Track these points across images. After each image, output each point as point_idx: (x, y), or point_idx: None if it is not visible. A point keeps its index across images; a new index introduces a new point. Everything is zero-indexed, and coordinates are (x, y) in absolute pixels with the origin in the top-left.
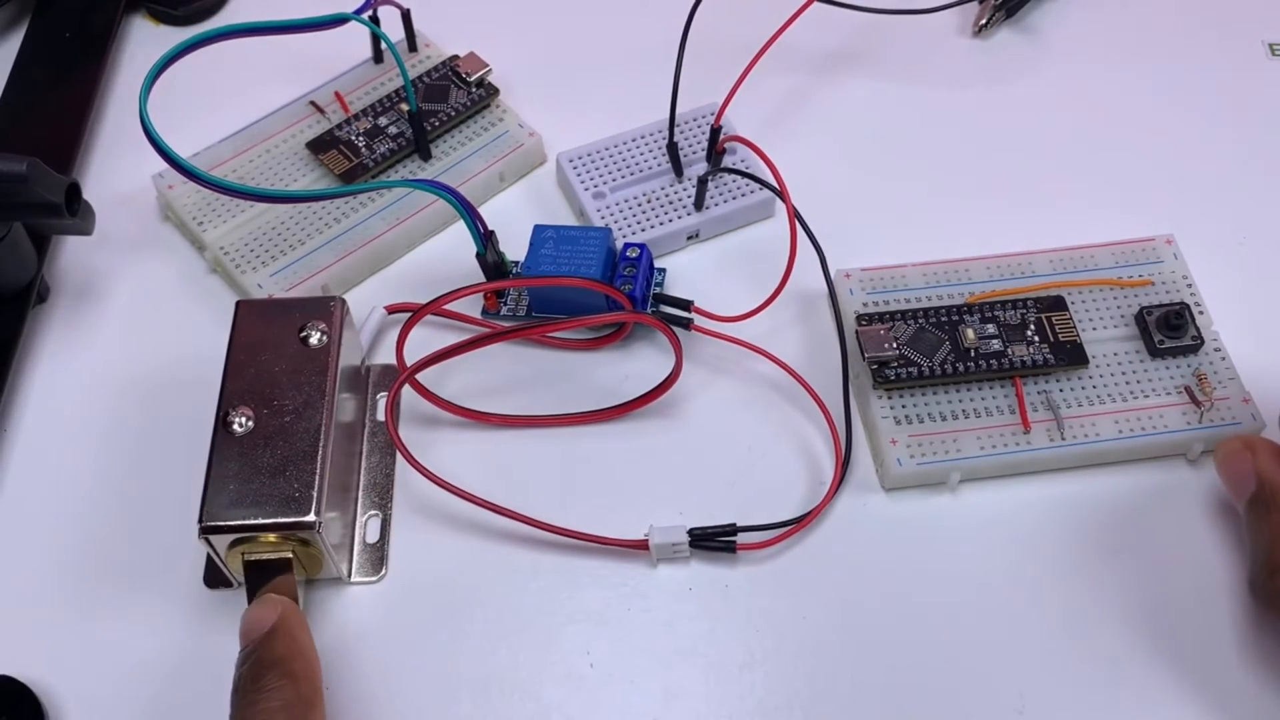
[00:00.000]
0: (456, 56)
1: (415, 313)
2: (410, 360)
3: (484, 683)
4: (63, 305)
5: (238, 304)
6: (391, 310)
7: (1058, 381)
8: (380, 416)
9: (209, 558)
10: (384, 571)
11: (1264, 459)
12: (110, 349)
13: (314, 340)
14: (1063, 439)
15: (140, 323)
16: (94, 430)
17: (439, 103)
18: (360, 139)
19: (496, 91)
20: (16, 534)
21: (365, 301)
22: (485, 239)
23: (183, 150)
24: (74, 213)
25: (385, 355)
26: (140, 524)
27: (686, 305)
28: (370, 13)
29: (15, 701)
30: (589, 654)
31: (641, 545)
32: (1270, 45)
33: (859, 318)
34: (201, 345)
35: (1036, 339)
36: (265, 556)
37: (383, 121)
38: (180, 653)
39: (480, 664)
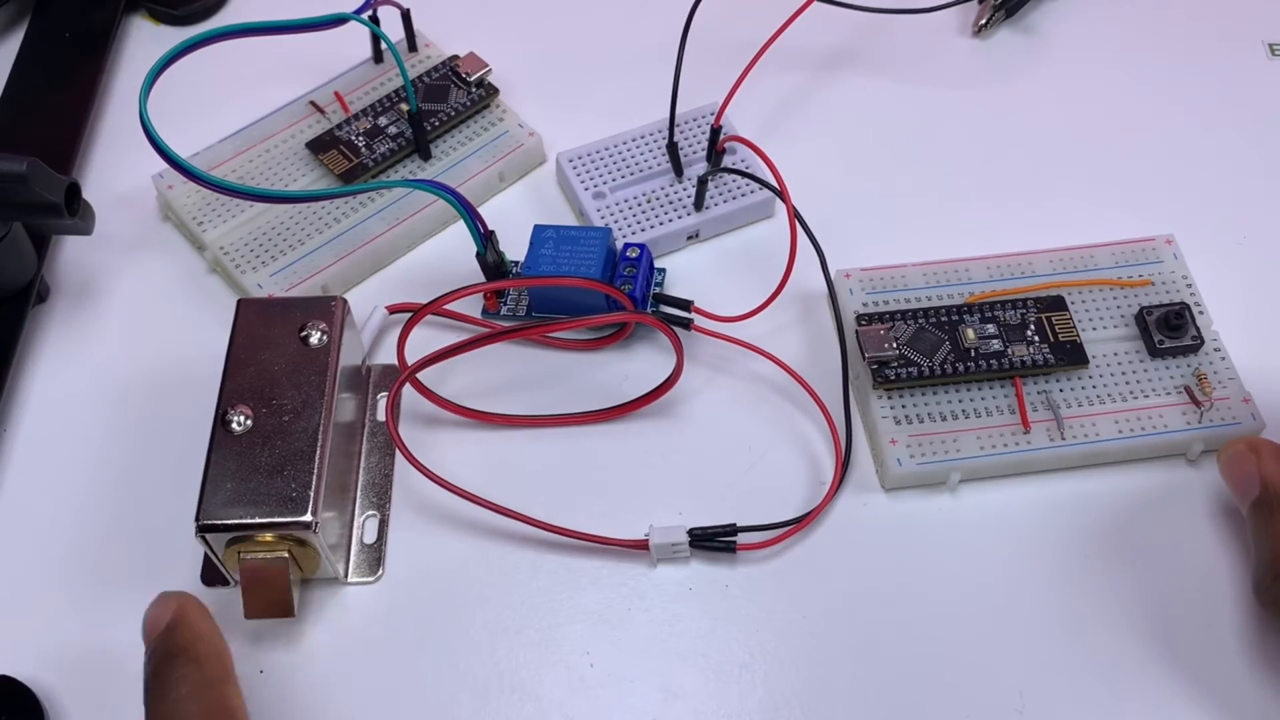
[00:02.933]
0: (456, 56)
1: (416, 313)
2: (410, 360)
3: (484, 683)
4: (62, 305)
5: (239, 303)
6: (392, 310)
7: (1058, 381)
8: (380, 416)
9: (206, 556)
10: (381, 572)
11: (1268, 461)
12: (110, 349)
13: (314, 340)
14: (1063, 439)
15: (140, 323)
16: (94, 430)
17: (439, 103)
18: (360, 139)
19: (496, 91)
20: (16, 534)
21: (365, 301)
22: (485, 239)
23: (182, 150)
24: (74, 213)
25: (385, 355)
26: (140, 523)
27: (686, 305)
28: (370, 13)
29: (15, 701)
30: (589, 654)
31: (641, 545)
32: (1270, 45)
33: (859, 318)
34: (201, 345)
35: (1036, 339)
36: (262, 555)
37: (383, 121)
38: None
39: (480, 664)
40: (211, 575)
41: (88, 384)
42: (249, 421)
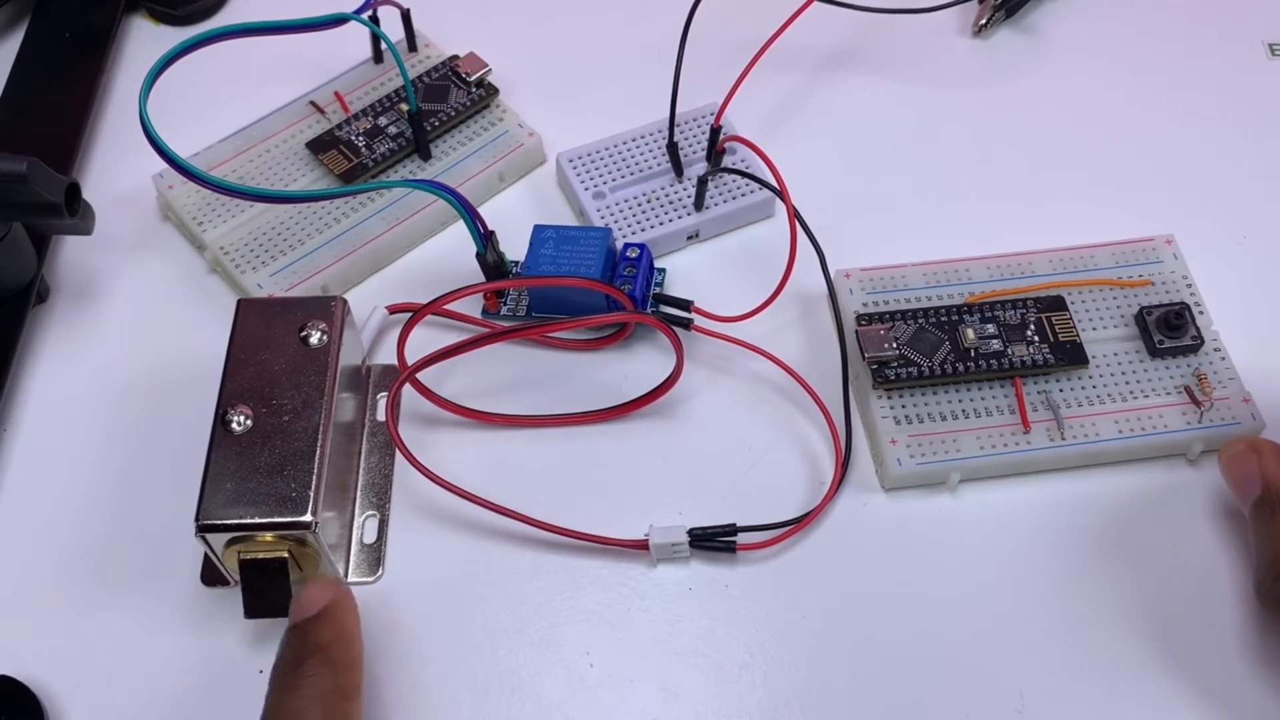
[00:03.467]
0: (456, 56)
1: (416, 313)
2: (410, 360)
3: (484, 683)
4: (62, 305)
5: (239, 302)
6: (393, 310)
7: (1057, 381)
8: (380, 416)
9: (206, 555)
10: (380, 572)
11: (1269, 461)
12: (110, 349)
13: (314, 340)
14: (1063, 439)
15: (140, 323)
16: (94, 430)
17: (439, 103)
18: (360, 139)
19: (496, 91)
20: (16, 534)
21: (365, 301)
22: (485, 239)
23: (182, 150)
24: (74, 213)
25: (385, 355)
26: (139, 523)
27: (686, 305)
28: (370, 13)
29: (15, 701)
30: (589, 654)
31: (641, 545)
32: (1270, 45)
33: (859, 318)
34: (201, 345)
35: (1036, 339)
36: (261, 555)
37: (382, 121)
38: (179, 651)
39: (479, 664)
40: (212, 575)
41: (88, 384)
42: (249, 421)
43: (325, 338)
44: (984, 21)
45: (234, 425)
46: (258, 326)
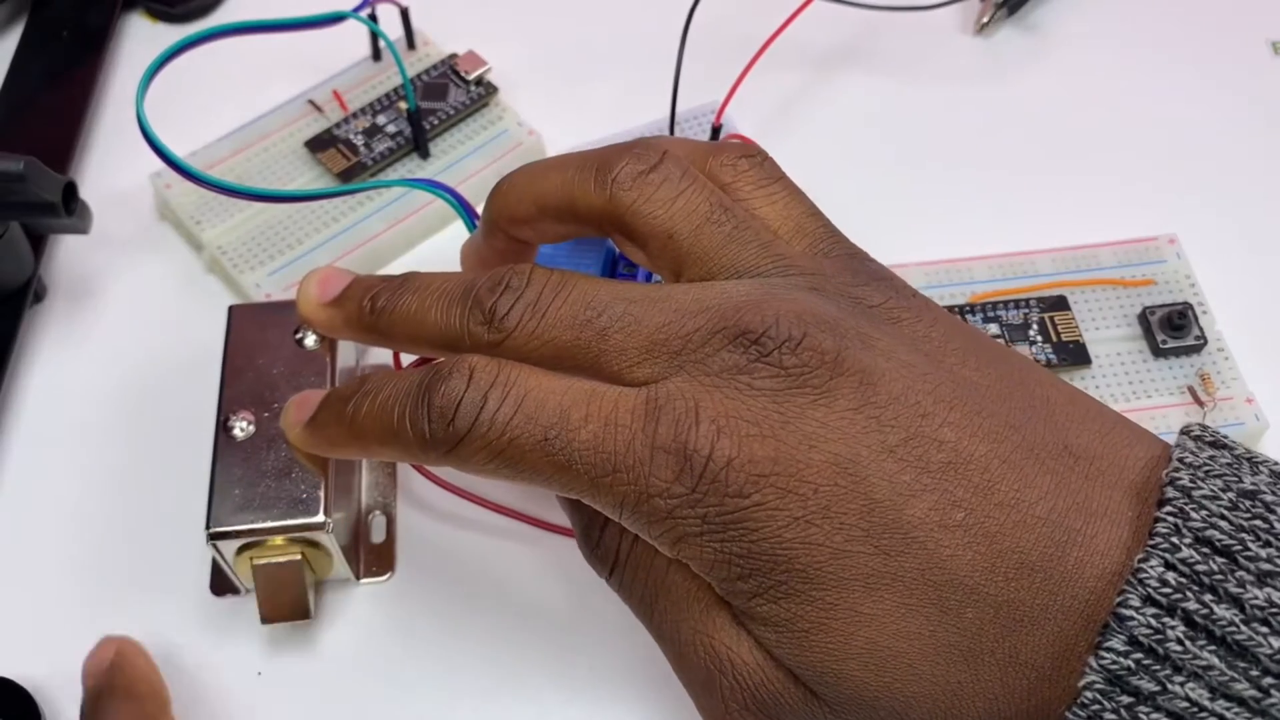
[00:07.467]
0: (455, 55)
1: None
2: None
3: (486, 686)
4: (60, 305)
5: (230, 309)
6: None
7: None
8: None
9: (214, 565)
10: (392, 571)
11: None
12: (107, 349)
13: (309, 342)
14: None
15: (137, 322)
16: (92, 430)
17: (438, 101)
18: (358, 137)
19: (495, 90)
20: (15, 536)
21: None
22: None
23: (180, 149)
24: (71, 212)
25: (385, 356)
26: (139, 523)
27: None
28: (369, 10)
29: (13, 704)
30: (592, 656)
31: None
32: (1274, 44)
33: None
34: (199, 345)
35: (1039, 339)
36: (274, 560)
37: (381, 120)
38: (181, 659)
39: (483, 667)
40: (221, 584)
41: (85, 384)
42: (251, 427)
43: (320, 339)
44: (986, 19)
45: (236, 431)
46: (252, 331)
